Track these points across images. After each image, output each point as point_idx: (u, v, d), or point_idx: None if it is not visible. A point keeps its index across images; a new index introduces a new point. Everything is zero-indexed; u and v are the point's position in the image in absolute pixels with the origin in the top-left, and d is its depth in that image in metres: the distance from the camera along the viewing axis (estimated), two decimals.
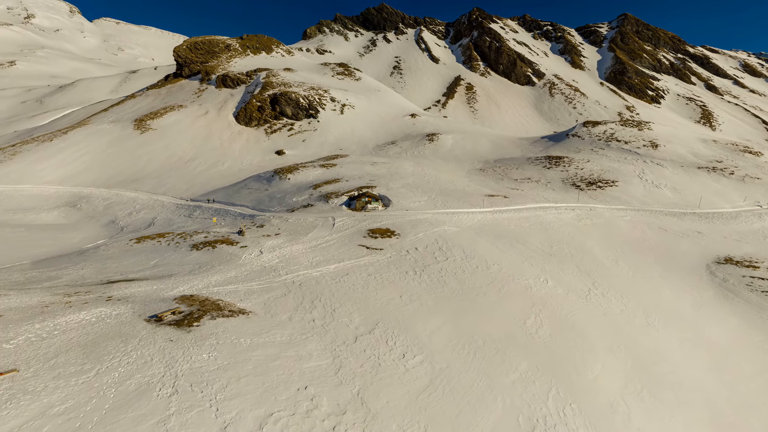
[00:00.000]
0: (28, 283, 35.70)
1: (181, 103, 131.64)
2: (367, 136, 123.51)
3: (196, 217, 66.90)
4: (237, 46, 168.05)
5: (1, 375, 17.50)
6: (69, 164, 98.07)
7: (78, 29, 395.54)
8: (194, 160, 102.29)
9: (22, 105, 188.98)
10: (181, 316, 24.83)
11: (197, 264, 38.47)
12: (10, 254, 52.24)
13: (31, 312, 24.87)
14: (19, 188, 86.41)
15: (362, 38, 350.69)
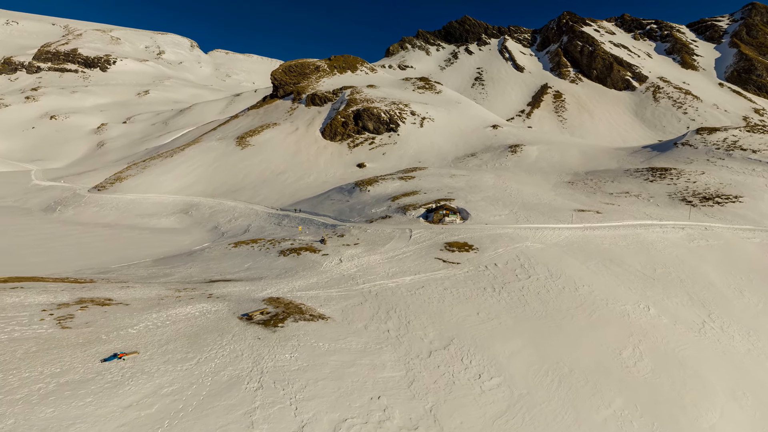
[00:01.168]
0: (149, 277, 41.72)
1: (276, 121, 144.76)
2: (447, 149, 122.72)
3: (285, 226, 72.28)
4: (325, 67, 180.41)
5: (127, 355, 20.60)
6: (184, 177, 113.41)
7: (196, 61, 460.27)
8: (284, 173, 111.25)
9: (152, 126, 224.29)
10: (268, 316, 26.87)
11: (284, 269, 41.42)
12: (137, 252, 61.68)
13: (150, 303, 28.97)
14: (147, 197, 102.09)
15: (443, 52, 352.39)
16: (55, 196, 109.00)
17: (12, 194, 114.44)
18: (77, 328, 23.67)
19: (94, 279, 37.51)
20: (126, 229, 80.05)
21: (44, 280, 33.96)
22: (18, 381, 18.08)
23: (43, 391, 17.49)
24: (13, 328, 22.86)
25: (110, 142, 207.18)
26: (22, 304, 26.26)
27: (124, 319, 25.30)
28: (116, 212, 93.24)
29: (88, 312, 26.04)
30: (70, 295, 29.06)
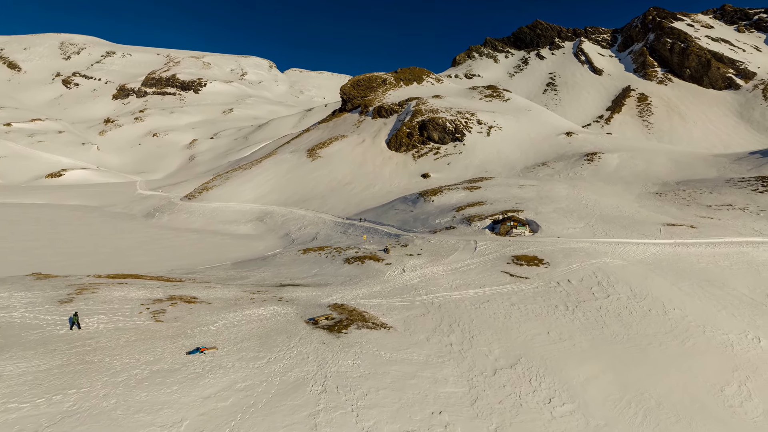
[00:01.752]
0: (228, 279, 45.35)
1: (344, 133, 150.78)
2: (515, 158, 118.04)
3: (350, 234, 74.42)
4: (391, 80, 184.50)
5: (207, 350, 22.53)
6: (260, 187, 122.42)
7: (273, 79, 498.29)
8: (351, 184, 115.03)
9: (234, 141, 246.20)
10: (333, 322, 27.72)
11: (348, 276, 42.56)
12: (219, 255, 67.50)
13: (228, 303, 31.46)
14: (228, 205, 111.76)
15: (513, 58, 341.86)
16: (154, 204, 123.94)
17: (121, 202, 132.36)
18: (168, 322, 26.47)
19: (183, 279, 41.74)
20: (210, 234, 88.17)
21: (143, 278, 38.56)
22: (120, 365, 20.63)
23: (139, 377, 19.74)
24: (118, 318, 26.23)
25: (200, 155, 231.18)
26: (126, 298, 30.06)
27: (206, 317, 27.77)
28: (203, 219, 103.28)
29: (177, 308, 29.02)
30: (163, 292, 32.65)
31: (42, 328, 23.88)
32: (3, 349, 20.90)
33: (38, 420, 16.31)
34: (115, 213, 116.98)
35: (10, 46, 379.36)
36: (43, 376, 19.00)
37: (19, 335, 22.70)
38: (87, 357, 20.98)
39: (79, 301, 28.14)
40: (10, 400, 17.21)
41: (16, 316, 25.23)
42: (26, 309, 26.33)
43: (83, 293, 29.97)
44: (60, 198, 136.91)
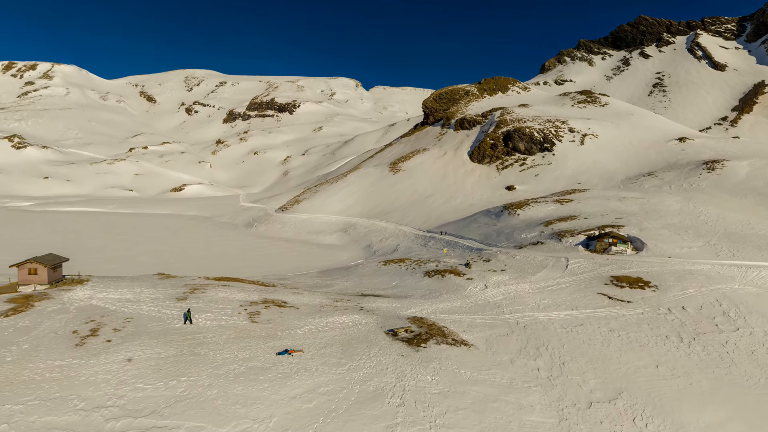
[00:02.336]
0: (315, 286, 48.05)
1: (425, 146, 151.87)
2: (614, 168, 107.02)
3: (430, 247, 73.98)
4: (474, 91, 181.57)
5: (295, 352, 24.04)
6: (345, 199, 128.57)
7: (359, 98, 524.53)
8: (432, 196, 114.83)
9: (323, 157, 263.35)
10: (412, 335, 27.61)
11: (428, 290, 42.19)
12: (306, 264, 72.03)
13: (314, 309, 33.28)
14: (316, 217, 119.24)
15: (611, 60, 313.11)
16: (253, 214, 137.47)
17: (227, 213, 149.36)
18: (262, 324, 28.90)
19: (275, 284, 45.32)
20: (299, 244, 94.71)
21: (243, 282, 42.74)
22: (221, 359, 23.00)
23: (237, 372, 21.77)
24: (222, 317, 29.39)
25: (292, 170, 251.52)
26: (228, 299, 33.58)
27: (294, 321, 29.71)
28: (293, 229, 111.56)
29: (270, 311, 31.54)
30: (259, 295, 35.79)
31: (163, 321, 27.73)
32: (135, 336, 24.74)
33: (157, 401, 18.87)
34: (222, 222, 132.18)
35: (149, 83, 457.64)
36: (162, 363, 21.98)
37: (146, 326, 26.65)
38: (196, 349, 23.79)
39: (192, 300, 32.13)
40: (138, 380, 20.21)
41: (144, 309, 29.71)
42: (152, 303, 30.85)
43: (195, 293, 34.16)
44: (180, 209, 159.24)
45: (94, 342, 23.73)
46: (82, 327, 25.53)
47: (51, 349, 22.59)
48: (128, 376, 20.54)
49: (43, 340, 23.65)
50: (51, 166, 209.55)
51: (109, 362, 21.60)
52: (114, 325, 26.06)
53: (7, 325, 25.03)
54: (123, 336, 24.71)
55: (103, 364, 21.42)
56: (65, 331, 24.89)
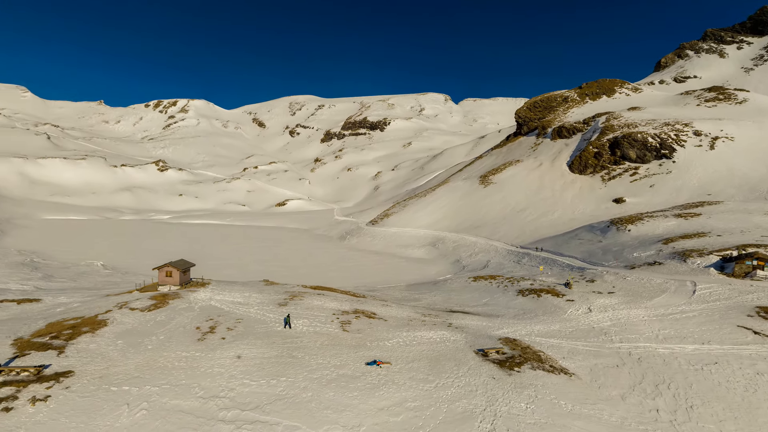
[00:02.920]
0: (403, 300, 48.42)
1: (518, 158, 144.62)
2: (757, 176, 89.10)
3: (524, 264, 69.50)
4: (575, 96, 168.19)
5: (383, 364, 24.38)
6: (434, 213, 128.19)
7: (448, 112, 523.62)
8: (525, 210, 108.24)
9: (411, 171, 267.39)
10: (504, 357, 26.00)
11: (521, 309, 39.50)
12: (395, 277, 73.11)
13: (402, 322, 33.47)
14: (405, 230, 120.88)
15: (750, 48, 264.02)
16: (346, 228, 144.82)
17: (322, 226, 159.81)
18: (352, 333, 29.98)
19: (365, 295, 46.82)
20: (389, 257, 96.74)
21: (336, 291, 45.03)
22: (316, 364, 24.36)
23: (329, 377, 22.82)
24: (317, 323, 31.26)
25: (382, 185, 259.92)
26: (322, 307, 35.62)
27: (382, 332, 30.23)
28: (383, 242, 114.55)
29: (360, 321, 32.61)
30: (350, 305, 37.30)
31: (266, 324, 30.48)
32: (244, 336, 27.61)
33: (260, 397, 20.67)
34: (318, 235, 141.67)
35: (260, 110, 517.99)
36: (266, 362, 24.09)
37: (253, 327, 29.55)
38: (293, 352, 25.60)
39: (291, 306, 34.79)
40: (245, 376, 22.42)
41: (252, 312, 33.02)
42: (259, 307, 34.16)
43: (294, 299, 36.95)
44: (283, 222, 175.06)
45: (211, 338, 27.06)
46: (203, 324, 29.33)
47: (179, 342, 26.34)
48: (237, 371, 22.90)
49: (174, 333, 27.72)
50: (184, 185, 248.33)
51: (222, 357, 24.37)
52: (227, 324, 29.41)
53: (150, 318, 29.90)
54: (234, 335, 27.72)
55: (218, 358, 24.24)
56: (191, 326, 28.84)
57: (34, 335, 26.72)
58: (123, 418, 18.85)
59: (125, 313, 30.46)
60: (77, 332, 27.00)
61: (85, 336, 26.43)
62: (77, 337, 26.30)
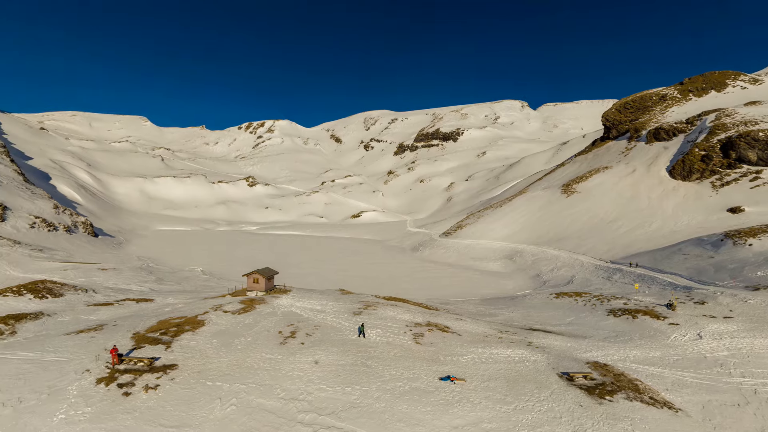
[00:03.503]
0: (477, 314, 46.64)
1: (606, 164, 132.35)
2: None
3: (615, 281, 62.90)
4: (675, 94, 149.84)
5: (457, 380, 23.61)
6: (510, 225, 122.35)
7: (525, 118, 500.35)
8: (616, 221, 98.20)
9: (486, 182, 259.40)
10: (593, 383, 23.55)
11: (613, 331, 35.62)
12: (469, 290, 70.87)
13: (477, 338, 32.18)
14: (479, 242, 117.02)
15: None
16: (419, 239, 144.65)
17: (395, 237, 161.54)
18: (425, 346, 29.59)
19: (438, 308, 46.06)
20: (462, 269, 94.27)
21: (408, 303, 44.97)
22: (389, 375, 24.43)
23: (402, 389, 22.71)
24: (390, 334, 31.45)
25: (455, 196, 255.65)
26: (395, 318, 35.78)
27: (456, 347, 29.35)
28: (456, 254, 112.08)
29: (433, 334, 32.08)
30: (423, 317, 36.93)
31: (342, 331, 31.45)
32: (321, 342, 28.80)
33: (336, 404, 21.27)
34: (391, 246, 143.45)
35: (337, 127, 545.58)
36: (341, 370, 24.79)
37: (330, 334, 30.69)
38: (367, 362, 25.99)
39: (365, 315, 35.51)
40: (323, 382, 23.29)
41: (328, 319, 34.36)
42: (335, 315, 35.44)
43: (368, 309, 37.68)
44: (358, 233, 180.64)
45: (292, 342, 28.65)
46: (284, 329, 31.22)
47: (264, 344, 28.32)
48: (315, 376, 23.89)
49: (260, 335, 29.89)
50: (270, 198, 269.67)
51: (301, 362, 25.63)
52: (306, 330, 30.94)
53: (239, 321, 32.66)
54: (312, 341, 29.04)
55: (298, 362, 25.55)
56: (274, 330, 30.88)
57: (147, 330, 30.74)
58: (216, 411, 20.71)
59: (219, 315, 33.67)
60: (181, 330, 30.47)
61: (187, 334, 29.71)
62: (181, 334, 29.67)
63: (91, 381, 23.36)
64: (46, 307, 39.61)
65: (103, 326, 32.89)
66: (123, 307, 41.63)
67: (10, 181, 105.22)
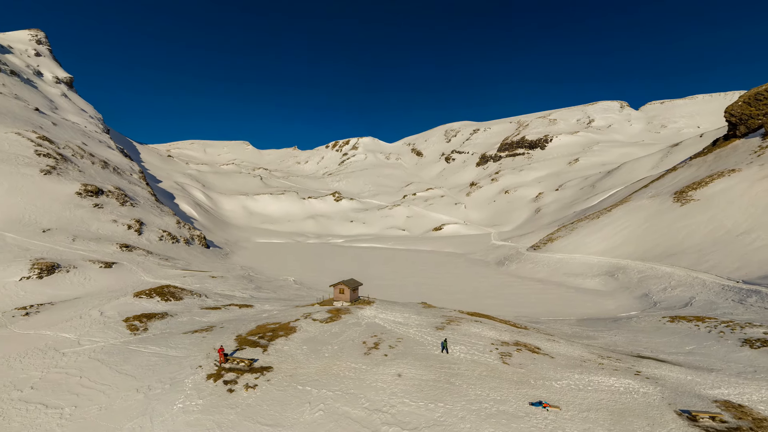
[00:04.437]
0: (573, 336, 42.54)
1: (733, 167, 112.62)
2: None
3: (750, 305, 52.61)
4: None
5: (550, 407, 21.64)
6: (610, 237, 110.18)
7: (626, 120, 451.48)
8: (749, 233, 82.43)
9: (580, 191, 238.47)
10: (724, 427, 19.74)
11: (750, 366, 29.63)
12: (562, 309, 65.16)
13: (573, 362, 29.27)
14: (573, 257, 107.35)
15: None
16: (504, 253, 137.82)
17: (479, 250, 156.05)
18: (513, 366, 27.76)
19: (527, 326, 43.07)
20: (554, 286, 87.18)
21: (494, 319, 42.83)
22: (474, 395, 23.37)
23: (488, 411, 21.51)
24: (474, 352, 30.19)
25: (544, 207, 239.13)
26: (480, 335, 34.29)
27: (549, 371, 27.00)
28: (547, 269, 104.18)
29: (522, 355, 29.99)
30: (510, 336, 34.81)
31: (424, 345, 31.07)
32: (404, 355, 28.79)
33: (419, 419, 20.94)
34: (475, 259, 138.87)
35: (418, 141, 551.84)
36: (423, 384, 24.42)
37: (412, 348, 30.53)
38: (451, 378, 25.23)
39: (448, 330, 34.68)
40: (405, 395, 23.17)
41: (411, 332, 34.26)
42: (417, 329, 35.23)
43: (451, 324, 36.78)
44: (439, 246, 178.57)
45: (375, 353, 29.10)
46: (368, 339, 31.89)
47: (349, 353, 29.21)
48: (398, 389, 23.88)
49: (345, 344, 30.95)
50: (354, 212, 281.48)
51: (385, 373, 25.85)
52: (389, 342, 31.21)
53: (326, 329, 34.24)
54: (395, 353, 29.17)
55: (381, 374, 25.81)
56: (358, 340, 31.72)
57: (248, 334, 33.81)
58: (306, 414, 21.82)
59: (309, 323, 35.70)
60: (276, 335, 32.94)
61: (281, 338, 32.01)
62: (276, 339, 32.06)
63: (202, 376, 26.36)
64: (169, 309, 45.95)
65: (212, 328, 37.04)
66: (228, 311, 46.48)
67: (146, 201, 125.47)
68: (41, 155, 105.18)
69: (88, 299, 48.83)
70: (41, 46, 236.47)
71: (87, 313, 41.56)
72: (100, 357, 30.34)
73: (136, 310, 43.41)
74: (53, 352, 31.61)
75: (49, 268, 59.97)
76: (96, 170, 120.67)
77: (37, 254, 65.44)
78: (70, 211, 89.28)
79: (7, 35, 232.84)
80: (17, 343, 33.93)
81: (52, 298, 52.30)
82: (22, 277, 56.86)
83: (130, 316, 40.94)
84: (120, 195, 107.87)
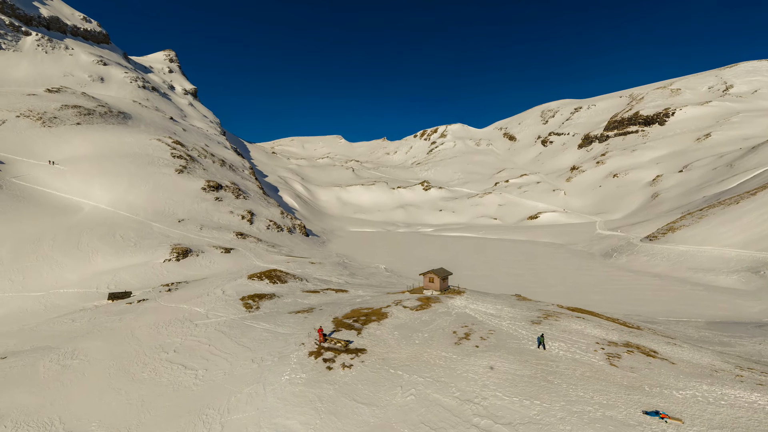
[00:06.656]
0: (700, 341, 36.68)
1: None
2: None
3: None
4: None
5: (670, 419, 19.06)
6: (754, 227, 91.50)
7: None
8: None
9: (712, 171, 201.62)
10: None
11: None
12: (686, 309, 56.48)
13: (700, 371, 25.28)
14: (701, 249, 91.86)
15: None
16: (612, 244, 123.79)
17: (581, 241, 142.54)
18: (622, 369, 25.01)
19: (640, 326, 38.31)
20: (675, 282, 75.87)
21: (599, 317, 38.98)
22: (575, 396, 21.68)
23: (592, 416, 19.80)
24: (575, 350, 27.91)
25: (664, 192, 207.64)
26: (582, 333, 31.53)
27: (668, 378, 23.73)
28: (666, 263, 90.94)
29: (633, 357, 26.82)
30: (619, 335, 31.36)
31: (518, 339, 29.70)
32: (496, 348, 27.92)
33: (513, 415, 20.20)
34: (577, 251, 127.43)
35: (510, 124, 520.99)
36: (518, 380, 23.42)
37: (505, 341, 29.43)
38: (548, 377, 23.75)
39: (545, 325, 32.61)
40: (498, 389, 22.52)
41: (504, 325, 33.01)
42: (510, 321, 33.82)
43: (548, 319, 34.49)
44: (535, 236, 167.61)
45: (466, 344, 28.73)
46: (459, 329, 31.60)
47: (439, 342, 29.32)
48: (490, 381, 23.30)
49: (435, 333, 31.12)
50: (443, 201, 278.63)
51: (476, 365, 25.40)
52: (481, 334, 30.52)
53: (416, 317, 34.80)
54: (487, 345, 28.44)
55: (472, 365, 25.43)
56: (449, 330, 31.64)
57: (344, 317, 36.03)
58: (398, 397, 22.59)
59: (399, 310, 36.66)
60: (368, 319, 34.54)
61: (373, 323, 33.47)
62: (369, 323, 33.63)
63: (305, 353, 28.96)
64: (276, 290, 51.18)
65: (312, 309, 40.31)
66: (326, 295, 50.04)
67: (255, 194, 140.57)
68: (175, 157, 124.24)
69: (213, 279, 56.86)
70: (173, 63, 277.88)
71: (212, 291, 48.42)
72: (224, 330, 35.23)
73: (250, 291, 49.21)
74: (189, 323, 37.62)
75: (184, 252, 71.05)
76: (216, 168, 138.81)
77: (175, 240, 77.93)
78: (198, 203, 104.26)
79: (148, 57, 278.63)
80: (163, 313, 41.12)
81: (187, 278, 62.11)
82: (165, 260, 68.47)
83: (245, 295, 46.60)
84: (235, 189, 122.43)
